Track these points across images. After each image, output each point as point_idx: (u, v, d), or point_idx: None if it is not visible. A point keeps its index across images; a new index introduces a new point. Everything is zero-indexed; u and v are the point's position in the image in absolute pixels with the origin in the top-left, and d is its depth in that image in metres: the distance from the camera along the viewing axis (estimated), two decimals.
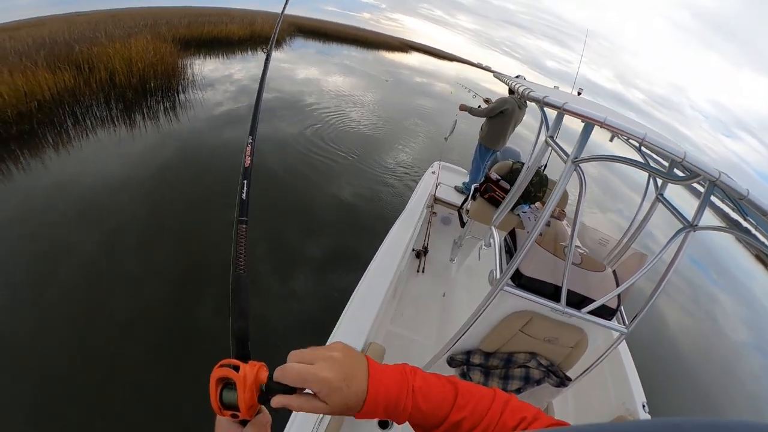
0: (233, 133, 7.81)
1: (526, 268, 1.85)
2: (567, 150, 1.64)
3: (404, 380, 0.60)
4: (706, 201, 1.56)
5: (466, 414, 0.60)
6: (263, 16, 25.48)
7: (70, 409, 2.75)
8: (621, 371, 2.55)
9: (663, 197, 1.96)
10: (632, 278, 1.73)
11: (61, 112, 7.49)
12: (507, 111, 4.47)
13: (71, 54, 9.16)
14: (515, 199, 2.32)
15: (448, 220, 4.61)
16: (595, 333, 2.00)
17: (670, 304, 7.56)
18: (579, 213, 1.58)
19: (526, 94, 1.67)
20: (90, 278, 3.83)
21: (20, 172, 5.50)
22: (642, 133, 1.12)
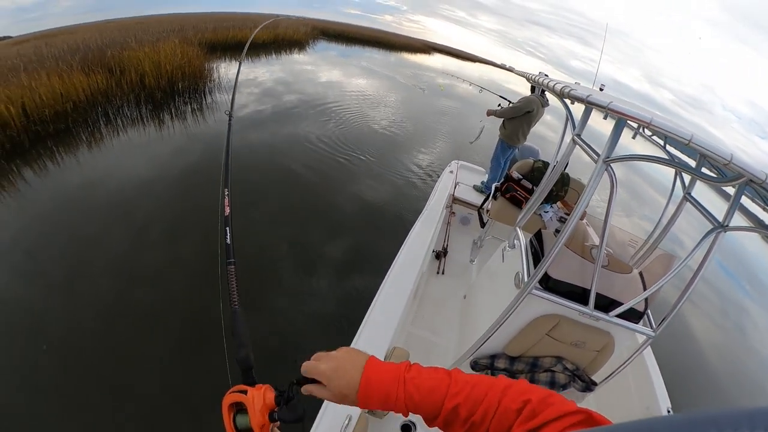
0: (258, 135, 7.96)
1: (554, 270, 1.82)
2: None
3: (397, 372, 0.67)
4: (737, 201, 1.52)
5: (460, 401, 0.63)
6: (286, 21, 25.95)
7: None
8: (645, 375, 2.49)
9: (691, 197, 1.92)
10: (661, 280, 1.69)
11: (94, 112, 7.83)
12: (533, 112, 4.42)
13: (103, 58, 9.60)
14: (541, 200, 2.29)
15: (467, 220, 4.54)
16: (622, 336, 1.96)
17: (697, 312, 7.26)
18: (610, 215, 1.55)
19: (566, 92, 1.62)
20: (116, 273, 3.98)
21: (56, 167, 5.78)
22: (689, 134, 1.10)
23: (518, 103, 4.49)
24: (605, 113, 1.92)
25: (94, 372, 2.94)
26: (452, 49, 57.09)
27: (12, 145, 6.00)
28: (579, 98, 1.52)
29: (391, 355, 2.04)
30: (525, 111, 4.39)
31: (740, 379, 6.09)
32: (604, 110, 1.36)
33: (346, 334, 2.12)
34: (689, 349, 5.98)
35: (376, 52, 30.99)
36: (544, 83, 2.04)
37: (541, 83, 2.13)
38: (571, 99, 1.67)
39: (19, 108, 6.40)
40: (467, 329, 2.85)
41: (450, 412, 0.63)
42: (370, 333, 2.14)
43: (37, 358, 3.01)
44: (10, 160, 5.72)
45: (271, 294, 4.04)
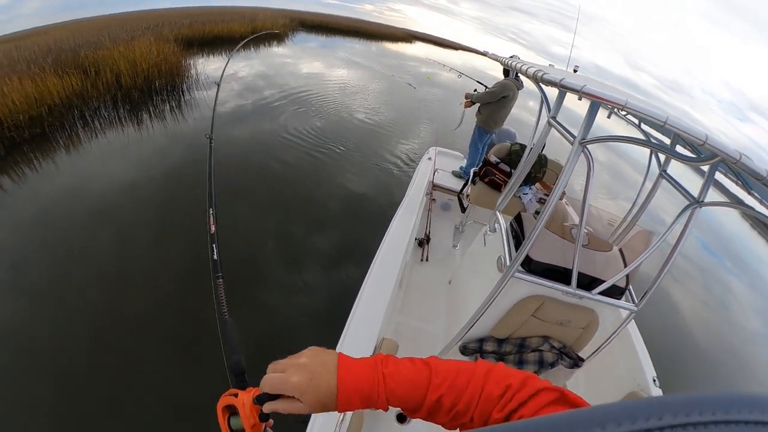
0: (238, 131, 7.91)
1: (535, 252, 1.84)
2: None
3: (375, 369, 0.64)
4: (711, 178, 1.56)
5: (444, 391, 0.62)
6: (264, 12, 25.58)
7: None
8: (631, 348, 2.55)
9: (667, 174, 1.95)
10: (641, 257, 1.73)
11: (70, 115, 7.69)
12: (509, 97, 4.43)
13: (77, 59, 9.37)
14: (519, 183, 2.30)
15: (447, 206, 4.57)
16: (605, 312, 2.00)
17: (680, 289, 7.47)
18: (588, 195, 1.56)
19: (539, 77, 1.61)
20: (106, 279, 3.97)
21: (33, 173, 5.70)
22: (664, 116, 1.12)
23: (494, 88, 4.49)
24: (579, 96, 1.99)
25: (85, 388, 2.91)
26: (434, 38, 56.78)
27: None
28: (552, 82, 1.51)
29: (380, 346, 2.04)
30: (501, 96, 4.40)
31: (722, 350, 6.33)
32: (578, 93, 1.36)
33: (333, 327, 2.14)
34: (674, 323, 6.18)
35: (356, 43, 30.62)
36: (517, 67, 2.06)
37: (515, 67, 2.15)
38: (544, 83, 1.67)
39: None
40: (454, 314, 2.88)
41: (434, 404, 0.63)
42: (357, 325, 2.15)
43: (26, 373, 2.98)
44: None
45: (257, 288, 4.08)
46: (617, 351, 2.61)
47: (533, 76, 1.72)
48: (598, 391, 2.67)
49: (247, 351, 0.87)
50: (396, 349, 2.07)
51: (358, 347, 1.96)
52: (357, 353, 1.85)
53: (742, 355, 6.44)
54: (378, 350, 1.95)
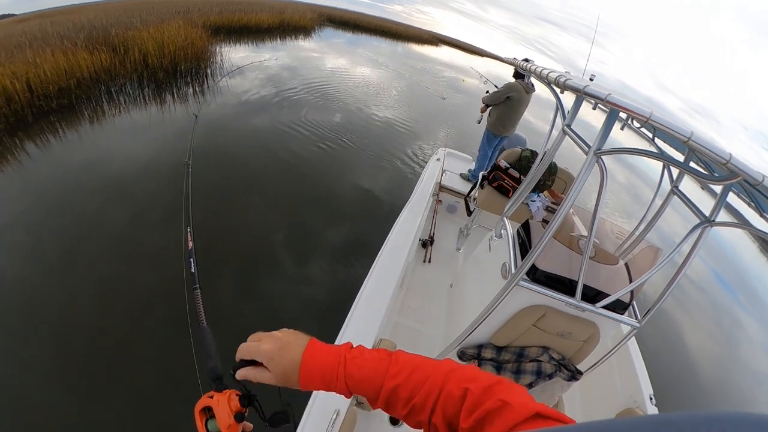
0: (259, 121, 8.01)
1: (541, 261, 1.80)
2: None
3: (339, 352, 0.68)
4: (724, 197, 1.52)
5: (400, 381, 0.63)
6: (293, 5, 25.87)
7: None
8: (629, 365, 2.51)
9: (679, 190, 1.90)
10: (648, 273, 1.70)
11: (97, 90, 7.97)
12: (513, 97, 4.33)
13: (108, 37, 9.71)
14: (529, 189, 2.27)
15: (453, 208, 4.52)
16: (607, 327, 1.96)
17: (689, 319, 7.18)
18: (599, 207, 1.53)
19: (562, 82, 1.55)
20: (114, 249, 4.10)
21: (58, 142, 5.94)
22: (688, 131, 1.09)
23: (500, 88, 4.43)
24: (594, 104, 1.92)
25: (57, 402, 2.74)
26: (461, 43, 56.58)
27: (16, 119, 6.16)
28: (576, 89, 1.46)
29: (377, 346, 2.00)
30: (505, 96, 4.33)
31: (725, 384, 6.05)
32: (601, 102, 1.31)
33: (332, 324, 2.14)
34: (677, 350, 6.00)
35: (383, 42, 30.71)
36: (536, 71, 2.02)
37: (532, 71, 2.11)
38: (566, 89, 1.61)
39: (23, 83, 6.54)
40: (454, 318, 2.85)
41: (390, 393, 0.63)
42: (356, 323, 2.14)
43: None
44: (13, 133, 5.88)
45: (267, 277, 4.12)
46: (616, 367, 2.59)
47: (555, 81, 1.66)
48: (593, 405, 2.64)
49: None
50: (393, 349, 2.06)
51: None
52: None
53: (745, 394, 6.13)
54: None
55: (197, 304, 1.06)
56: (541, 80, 2.04)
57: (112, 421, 2.62)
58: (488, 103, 4.53)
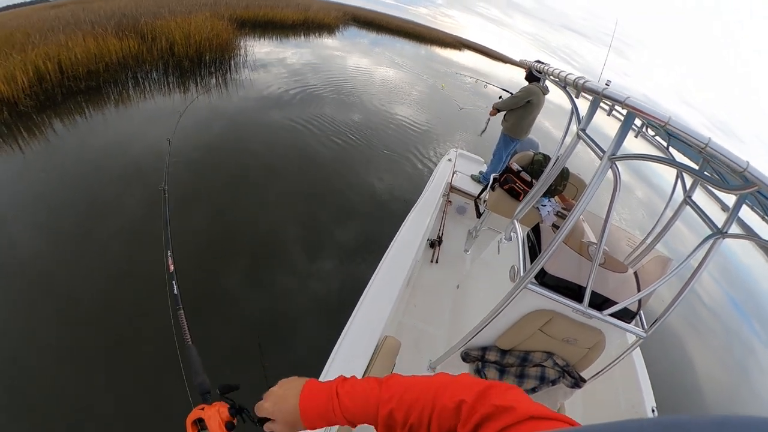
0: (279, 115, 8.07)
1: (551, 266, 1.80)
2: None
3: (330, 389, 0.72)
4: (738, 208, 1.50)
5: (393, 405, 0.66)
6: (318, 3, 26.12)
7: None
8: (633, 375, 2.49)
9: (691, 200, 1.87)
10: (657, 283, 1.69)
11: (124, 74, 8.26)
12: (532, 101, 4.29)
13: (137, 25, 10.01)
14: (541, 193, 2.25)
15: (463, 209, 4.50)
16: (613, 335, 1.94)
17: (701, 342, 6.92)
18: (611, 214, 1.52)
19: (581, 84, 1.54)
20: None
21: (84, 121, 6.18)
22: (705, 138, 1.08)
23: (519, 92, 4.38)
24: (609, 110, 1.89)
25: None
26: (484, 48, 56.19)
27: (46, 97, 6.45)
28: (594, 91, 1.43)
29: (382, 344, 2.01)
30: (525, 101, 4.29)
31: (730, 408, 5.71)
32: (621, 105, 1.29)
33: (339, 320, 2.16)
34: (685, 371, 5.77)
35: (406, 44, 30.60)
36: (553, 73, 2.00)
37: (550, 73, 2.09)
38: (585, 92, 1.59)
39: (55, 64, 6.86)
40: (459, 319, 2.83)
41: (387, 418, 0.66)
42: (361, 321, 2.14)
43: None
44: (42, 111, 6.14)
45: (276, 266, 4.16)
46: (619, 376, 2.55)
47: (574, 84, 1.63)
48: (595, 413, 2.62)
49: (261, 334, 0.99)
50: (398, 348, 2.02)
51: (359, 345, 1.97)
52: (358, 350, 1.93)
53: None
54: (380, 349, 1.97)
55: (182, 324, 1.10)
56: (557, 83, 2.03)
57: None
58: (505, 108, 4.49)
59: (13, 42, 7.31)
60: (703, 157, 1.17)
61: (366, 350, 1.96)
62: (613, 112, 1.88)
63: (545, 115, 4.70)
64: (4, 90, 5.84)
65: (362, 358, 1.91)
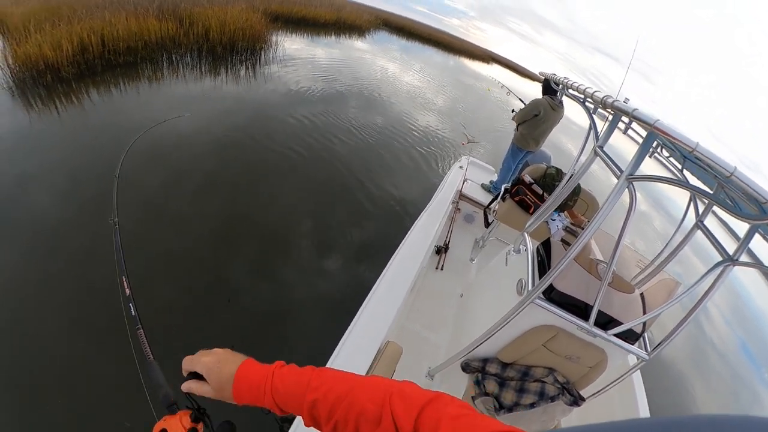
0: (303, 110, 8.08)
1: (559, 282, 1.79)
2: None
3: (268, 368, 0.70)
4: (750, 237, 1.49)
5: (319, 396, 0.63)
6: (351, 5, 26.62)
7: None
8: (631, 397, 2.46)
9: (703, 225, 1.85)
10: (663, 306, 1.67)
11: (160, 54, 8.71)
12: (540, 115, 4.29)
13: (176, 10, 10.53)
14: (553, 207, 2.24)
15: (471, 218, 4.47)
16: (614, 355, 1.93)
17: (705, 384, 6.54)
18: (624, 234, 1.49)
19: (609, 103, 1.54)
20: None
21: (119, 93, 6.56)
22: (732, 166, 1.08)
23: (526, 106, 4.42)
24: (626, 128, 1.89)
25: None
26: (513, 64, 56.10)
27: (87, 67, 6.88)
28: (624, 111, 1.42)
29: (384, 349, 1.98)
30: (532, 114, 4.30)
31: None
32: (649, 128, 1.28)
33: (342, 322, 2.13)
34: (686, 405, 5.50)
35: (435, 53, 30.62)
36: (573, 86, 2.00)
37: (570, 86, 2.09)
38: (614, 110, 1.57)
39: (98, 38, 7.27)
40: (461, 328, 2.82)
41: (310, 407, 0.63)
42: (365, 324, 2.12)
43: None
44: (81, 79, 6.56)
45: (278, 268, 4.06)
46: (617, 397, 2.53)
47: (601, 102, 1.62)
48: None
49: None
50: (400, 354, 1.99)
51: (361, 347, 1.97)
52: (359, 353, 2.01)
53: None
54: (382, 353, 1.96)
55: (142, 342, 1.12)
56: (577, 98, 2.04)
57: None
58: (518, 121, 4.50)
59: (60, 15, 7.75)
60: (719, 182, 1.16)
61: (368, 354, 1.95)
62: (629, 130, 1.91)
63: (558, 129, 4.59)
64: (50, 55, 6.25)
65: (364, 362, 1.90)
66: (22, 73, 6.06)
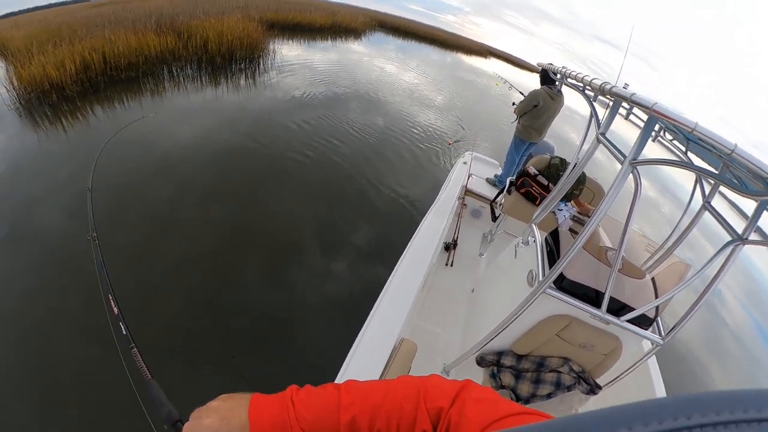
0: (303, 114, 8.08)
1: (569, 271, 1.78)
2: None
3: (284, 398, 0.64)
4: (759, 215, 1.46)
5: (356, 411, 0.60)
6: (346, 8, 26.71)
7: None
8: (648, 383, 2.44)
9: (710, 206, 1.83)
10: (674, 290, 1.65)
11: (161, 68, 8.84)
12: (539, 105, 4.24)
13: (174, 23, 10.71)
14: (560, 197, 2.23)
15: (478, 213, 4.44)
16: (629, 342, 1.92)
17: (722, 369, 6.49)
18: (631, 219, 1.49)
19: (607, 89, 1.54)
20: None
21: (122, 109, 6.68)
22: (732, 143, 1.07)
23: (525, 97, 4.37)
24: (627, 113, 1.87)
25: None
26: (511, 56, 55.80)
27: (90, 84, 7.04)
28: (622, 96, 1.44)
29: (399, 347, 1.97)
30: (532, 105, 4.25)
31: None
32: (648, 111, 1.29)
33: (355, 323, 2.14)
34: (701, 386, 5.35)
35: (432, 51, 30.45)
36: (571, 75, 2.00)
37: (571, 76, 2.09)
38: (612, 96, 1.58)
39: (99, 55, 7.44)
40: (473, 323, 2.82)
41: (349, 425, 0.60)
42: (378, 324, 2.12)
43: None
44: (85, 96, 6.70)
45: (289, 271, 4.08)
46: (634, 384, 2.49)
47: (599, 89, 1.63)
48: None
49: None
50: (415, 351, 1.98)
51: (375, 347, 1.96)
52: (374, 352, 2.01)
53: None
54: (396, 351, 1.95)
55: (137, 361, 1.05)
56: (576, 87, 2.03)
57: None
58: (518, 113, 4.45)
59: (61, 35, 7.93)
60: (723, 161, 1.15)
61: (383, 353, 1.93)
62: (631, 116, 1.89)
63: (560, 118, 4.53)
64: (54, 75, 6.40)
65: (379, 360, 1.89)
66: (27, 94, 6.19)
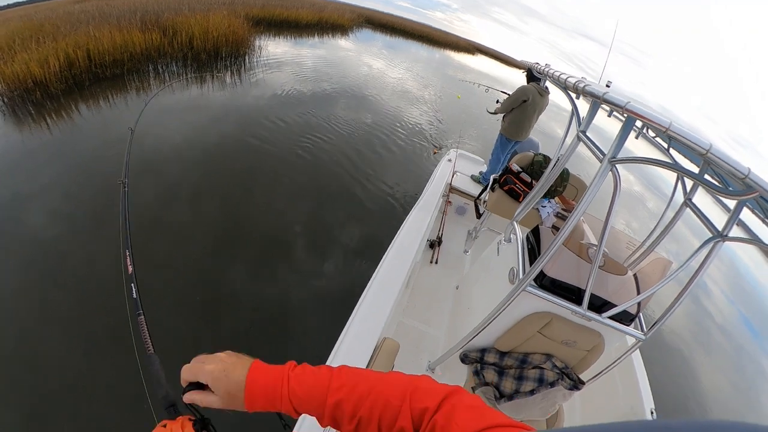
0: (287, 111, 8.10)
1: (550, 268, 1.80)
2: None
3: (283, 370, 0.66)
4: (738, 212, 1.51)
5: (343, 395, 0.61)
6: (332, 5, 26.62)
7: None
8: (632, 377, 2.48)
9: (691, 202, 1.86)
10: (656, 286, 1.69)
11: (146, 65, 8.83)
12: (528, 101, 4.17)
13: (159, 20, 10.65)
14: (541, 195, 2.24)
15: (463, 210, 4.48)
16: (612, 338, 1.94)
17: (708, 360, 6.49)
18: (611, 216, 1.51)
19: (581, 88, 1.54)
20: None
21: (108, 106, 6.68)
22: (707, 143, 1.07)
23: (514, 93, 4.29)
24: (610, 111, 1.89)
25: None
26: (498, 53, 56.17)
27: (75, 82, 7.02)
28: (595, 95, 1.43)
29: (381, 346, 1.97)
30: (521, 101, 4.20)
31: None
32: (620, 110, 1.29)
33: (338, 320, 2.15)
34: (687, 381, 5.46)
35: (421, 47, 30.39)
36: (553, 75, 2.02)
37: (550, 75, 2.11)
38: (585, 95, 1.57)
39: (84, 52, 7.41)
40: (458, 321, 2.84)
41: (334, 408, 0.62)
42: (360, 322, 2.12)
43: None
44: (69, 94, 6.67)
45: (276, 269, 4.10)
46: (618, 378, 2.55)
47: (574, 87, 1.62)
48: (594, 415, 2.63)
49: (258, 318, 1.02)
50: (397, 350, 1.98)
51: (358, 345, 1.97)
52: (357, 351, 2.10)
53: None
54: (378, 350, 1.95)
55: (142, 331, 1.03)
56: (558, 85, 2.04)
57: None
58: (503, 111, 4.42)
59: (44, 32, 7.88)
60: (704, 160, 1.15)
61: (365, 352, 1.95)
62: (614, 113, 1.91)
63: (549, 116, 4.60)
64: (37, 73, 6.37)
65: (361, 359, 1.91)
66: (11, 92, 6.16)
